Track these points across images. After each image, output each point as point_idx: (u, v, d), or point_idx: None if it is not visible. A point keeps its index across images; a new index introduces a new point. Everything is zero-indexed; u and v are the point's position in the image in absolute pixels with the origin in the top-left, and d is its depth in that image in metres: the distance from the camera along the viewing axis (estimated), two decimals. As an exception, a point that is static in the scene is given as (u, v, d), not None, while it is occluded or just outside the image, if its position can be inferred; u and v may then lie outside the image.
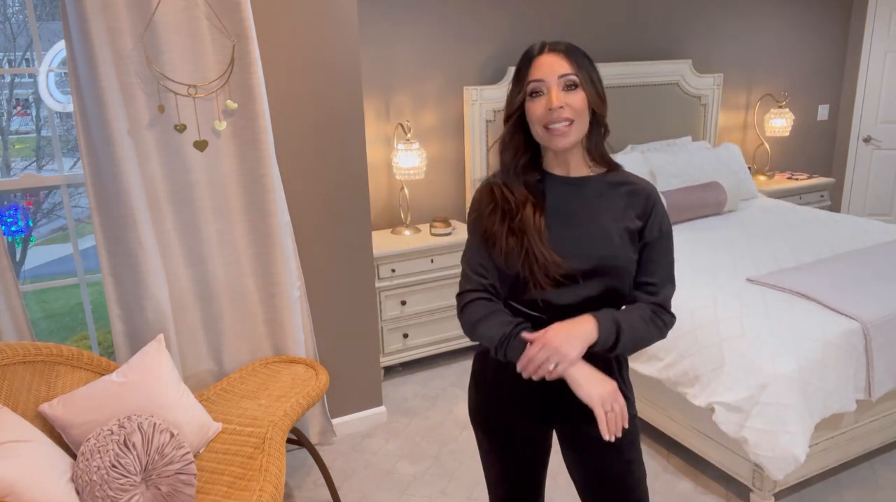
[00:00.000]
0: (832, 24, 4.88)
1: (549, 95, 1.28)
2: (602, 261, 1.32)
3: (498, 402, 1.45)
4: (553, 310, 1.33)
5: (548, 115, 1.28)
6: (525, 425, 1.45)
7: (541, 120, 1.29)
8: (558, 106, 1.26)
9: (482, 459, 1.56)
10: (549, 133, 1.29)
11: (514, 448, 1.49)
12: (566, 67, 1.28)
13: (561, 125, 1.28)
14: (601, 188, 1.37)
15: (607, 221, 1.34)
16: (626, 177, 1.39)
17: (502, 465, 1.51)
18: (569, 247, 1.32)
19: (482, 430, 1.51)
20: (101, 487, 1.61)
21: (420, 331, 3.34)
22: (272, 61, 2.35)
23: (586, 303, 1.33)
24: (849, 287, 2.48)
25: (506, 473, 1.52)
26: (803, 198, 4.53)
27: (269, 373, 2.37)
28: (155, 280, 2.21)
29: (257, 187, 2.32)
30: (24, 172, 3.48)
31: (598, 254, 1.32)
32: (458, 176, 3.70)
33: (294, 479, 2.60)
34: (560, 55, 1.29)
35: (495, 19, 3.59)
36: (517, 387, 1.40)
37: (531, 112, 1.31)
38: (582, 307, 1.32)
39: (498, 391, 1.44)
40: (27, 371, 1.88)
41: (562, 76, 1.28)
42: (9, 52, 6.45)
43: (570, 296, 1.32)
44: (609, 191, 1.37)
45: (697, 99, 4.28)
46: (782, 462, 2.04)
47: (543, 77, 1.28)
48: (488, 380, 1.45)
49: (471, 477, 2.55)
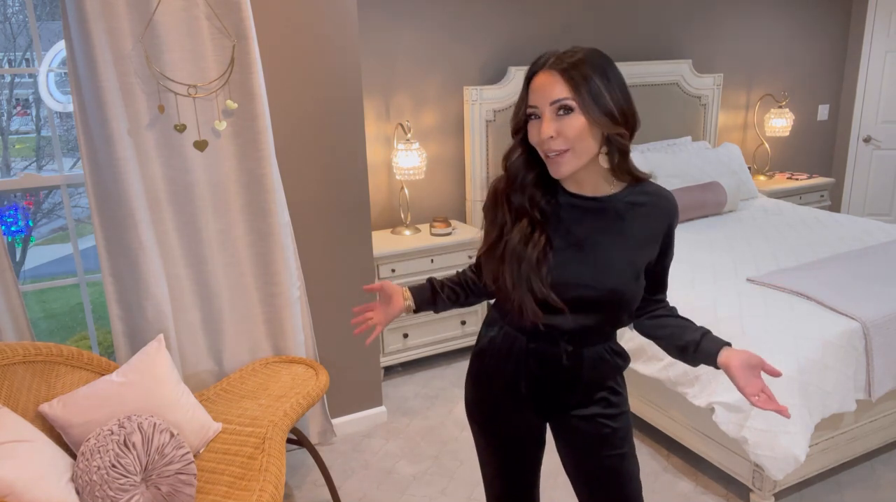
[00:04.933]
0: (832, 24, 4.88)
1: (542, 122, 1.21)
2: (608, 293, 1.28)
3: (493, 397, 1.46)
4: (558, 334, 1.33)
5: (542, 143, 1.22)
6: (519, 419, 1.46)
7: (537, 146, 1.25)
8: (548, 136, 1.20)
9: (478, 455, 1.57)
10: (548, 160, 1.24)
11: (508, 442, 1.49)
12: (560, 91, 1.18)
13: (553, 155, 1.22)
14: (619, 209, 1.30)
15: (621, 250, 1.29)
16: (649, 194, 1.32)
17: (497, 460, 1.52)
18: (574, 275, 1.28)
19: (477, 424, 1.52)
20: (101, 487, 1.61)
21: (420, 331, 3.34)
22: (272, 61, 2.35)
23: (583, 329, 1.33)
24: (849, 287, 2.48)
25: (501, 468, 1.52)
26: (803, 198, 4.53)
27: (269, 373, 2.37)
28: (155, 280, 2.21)
29: (257, 187, 2.32)
30: (24, 172, 3.48)
31: (605, 287, 1.28)
32: (458, 176, 3.70)
33: (294, 479, 2.60)
34: (557, 75, 1.19)
35: (495, 19, 3.59)
36: (512, 382, 1.41)
37: (530, 134, 1.26)
38: (579, 333, 1.33)
39: (493, 386, 1.45)
40: (27, 371, 1.88)
41: (554, 102, 1.19)
42: (9, 52, 6.45)
43: (568, 322, 1.31)
44: (628, 212, 1.30)
45: (697, 99, 4.28)
46: (782, 462, 2.04)
47: (536, 104, 1.22)
48: (484, 376, 1.46)
49: (471, 477, 2.55)
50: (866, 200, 5.13)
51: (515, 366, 1.39)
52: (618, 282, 1.28)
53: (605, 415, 1.41)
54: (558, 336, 1.34)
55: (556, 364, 1.36)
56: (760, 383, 1.25)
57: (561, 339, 1.34)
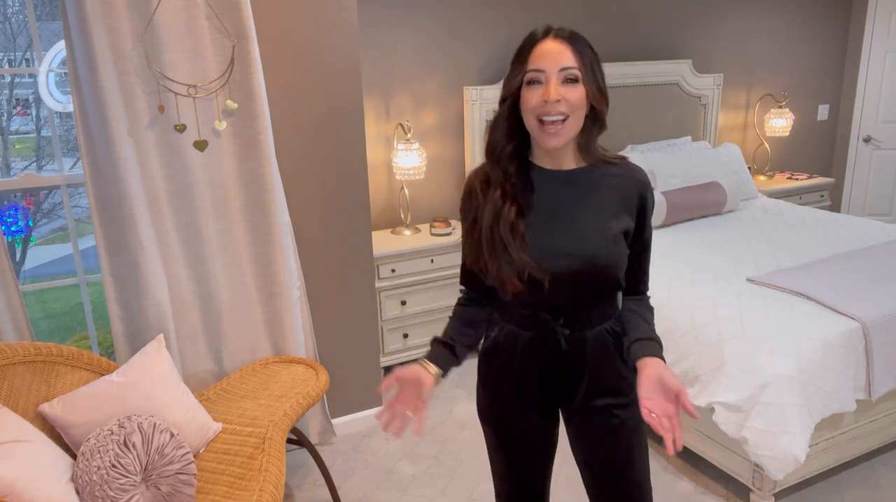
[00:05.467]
0: (832, 24, 4.89)
1: (546, 87, 1.22)
2: (589, 260, 1.29)
3: (503, 398, 1.46)
4: (548, 310, 1.34)
5: (542, 107, 1.23)
6: (530, 419, 1.46)
7: (535, 110, 1.24)
8: (555, 99, 1.21)
9: (489, 454, 1.56)
10: (542, 128, 1.25)
11: (520, 442, 1.49)
12: (569, 59, 1.22)
13: (555, 118, 1.23)
14: (593, 180, 1.32)
15: (597, 218, 1.30)
16: (620, 167, 1.34)
17: (509, 460, 1.52)
18: (553, 246, 1.29)
19: (489, 425, 1.51)
20: (101, 487, 1.61)
21: (420, 331, 3.34)
22: (272, 61, 2.35)
23: (575, 299, 1.33)
24: (849, 287, 2.48)
25: (512, 468, 1.52)
26: (803, 198, 4.53)
27: (269, 373, 2.37)
28: (155, 280, 2.21)
29: (257, 187, 2.32)
30: (24, 172, 3.48)
31: (586, 253, 1.28)
32: (458, 176, 3.70)
33: (294, 479, 2.60)
34: (564, 44, 1.23)
35: (495, 19, 3.59)
36: (520, 380, 1.42)
37: (526, 100, 1.26)
38: (573, 312, 1.33)
39: (503, 385, 1.45)
40: (27, 371, 1.88)
41: (563, 69, 1.22)
42: (9, 52, 6.45)
43: (555, 295, 1.31)
44: (601, 183, 1.32)
45: (697, 99, 4.27)
46: (782, 462, 2.04)
47: (544, 67, 1.23)
48: (493, 376, 1.46)
49: (471, 477, 2.55)
50: (866, 200, 5.13)
51: (521, 364, 1.40)
52: (597, 248, 1.29)
53: (616, 406, 1.40)
54: (553, 319, 1.35)
55: (557, 350, 1.37)
56: (668, 407, 1.19)
57: (556, 324, 1.35)
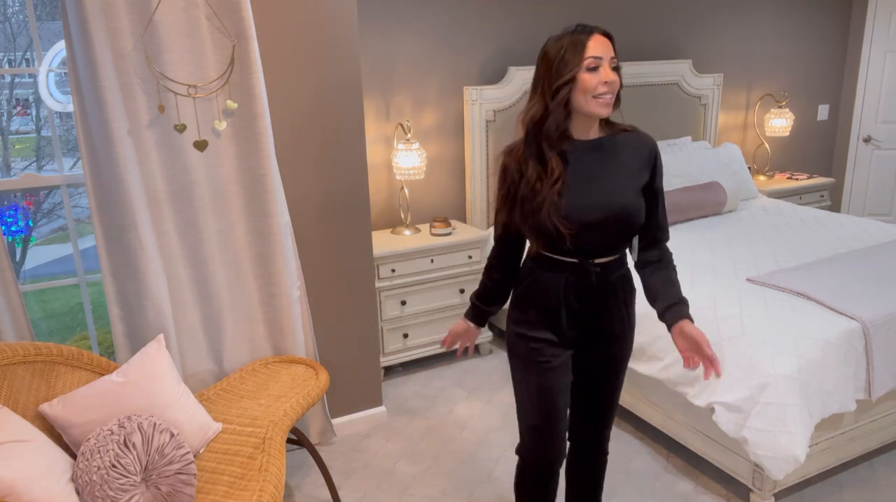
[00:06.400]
0: (832, 24, 4.89)
1: (604, 71, 1.51)
2: (620, 210, 1.58)
3: (537, 329, 1.69)
4: (583, 253, 1.62)
5: (600, 87, 1.51)
6: (556, 349, 1.69)
7: (593, 90, 1.51)
8: (612, 79, 1.52)
9: (516, 387, 1.78)
10: (596, 101, 1.53)
11: (548, 372, 1.70)
12: (612, 51, 1.54)
13: (609, 97, 1.53)
14: (612, 145, 1.63)
15: (621, 175, 1.61)
16: (631, 132, 1.66)
17: (537, 389, 1.71)
18: (590, 201, 1.58)
19: (520, 359, 1.73)
20: (101, 487, 1.61)
21: (420, 331, 3.35)
22: (272, 61, 2.35)
23: (607, 243, 1.63)
24: (849, 287, 2.48)
25: (539, 398, 1.72)
26: (803, 199, 4.53)
27: (269, 373, 2.37)
28: (155, 280, 2.21)
29: (257, 187, 2.32)
30: (24, 172, 3.48)
31: (616, 204, 1.58)
32: (458, 176, 3.70)
33: (294, 479, 2.60)
34: (608, 39, 1.55)
35: (495, 19, 3.59)
36: (555, 312, 1.67)
37: (585, 83, 1.51)
38: (604, 247, 1.63)
39: (537, 322, 1.69)
40: (27, 371, 1.88)
41: (612, 57, 1.54)
42: (9, 52, 6.46)
43: (592, 240, 1.60)
44: (619, 147, 1.63)
45: (697, 99, 4.28)
46: (782, 462, 2.04)
47: (602, 55, 1.51)
48: (528, 312, 1.70)
49: (471, 477, 2.55)
50: (866, 200, 5.13)
51: (556, 299, 1.66)
52: (623, 200, 1.60)
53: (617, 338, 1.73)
54: (584, 258, 1.62)
55: (587, 283, 1.64)
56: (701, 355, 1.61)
57: (588, 263, 1.63)
